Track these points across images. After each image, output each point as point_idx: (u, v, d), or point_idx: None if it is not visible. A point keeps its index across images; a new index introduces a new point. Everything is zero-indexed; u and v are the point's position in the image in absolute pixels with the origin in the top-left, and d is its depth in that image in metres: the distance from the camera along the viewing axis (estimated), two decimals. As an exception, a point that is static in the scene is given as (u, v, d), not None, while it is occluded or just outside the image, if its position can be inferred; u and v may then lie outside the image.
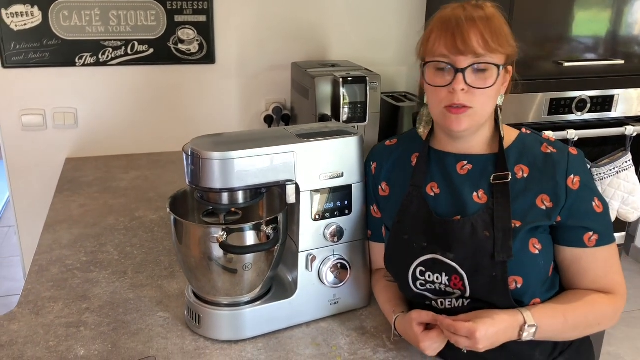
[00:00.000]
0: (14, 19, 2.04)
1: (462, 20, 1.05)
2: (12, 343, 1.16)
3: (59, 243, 1.57)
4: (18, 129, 2.16)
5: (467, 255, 1.09)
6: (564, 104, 2.03)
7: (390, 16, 2.41)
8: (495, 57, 1.07)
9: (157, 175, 2.09)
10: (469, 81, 1.06)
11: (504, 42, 1.07)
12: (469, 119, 1.09)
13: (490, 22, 1.06)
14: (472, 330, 1.01)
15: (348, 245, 1.25)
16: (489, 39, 1.05)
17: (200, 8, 2.19)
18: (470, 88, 1.06)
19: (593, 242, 1.10)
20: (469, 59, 1.05)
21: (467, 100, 1.07)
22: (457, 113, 1.08)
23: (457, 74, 1.06)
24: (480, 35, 1.05)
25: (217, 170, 1.09)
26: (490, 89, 1.07)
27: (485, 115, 1.11)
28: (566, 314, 1.09)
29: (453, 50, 1.06)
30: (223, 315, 1.18)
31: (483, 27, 1.05)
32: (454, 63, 1.06)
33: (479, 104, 1.08)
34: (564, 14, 1.94)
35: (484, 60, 1.06)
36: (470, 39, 1.04)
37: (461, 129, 1.10)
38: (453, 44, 1.05)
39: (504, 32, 1.07)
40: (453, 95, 1.07)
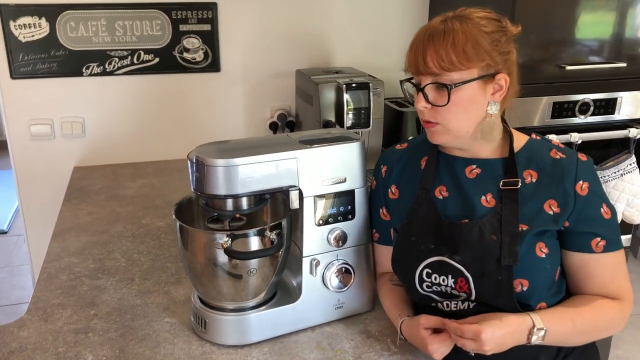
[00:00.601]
0: (22, 30, 2.07)
1: (421, 39, 1.08)
2: (21, 349, 1.18)
3: (67, 251, 1.59)
4: (27, 139, 2.19)
5: (474, 258, 1.10)
6: (567, 107, 2.03)
7: (393, 22, 2.42)
8: (457, 74, 1.06)
9: (164, 183, 2.11)
10: (430, 99, 1.10)
11: (466, 59, 1.05)
12: (441, 133, 1.12)
13: (449, 39, 1.05)
14: (478, 332, 1.02)
15: (352, 250, 1.26)
16: (445, 58, 1.05)
17: (205, 17, 2.21)
18: (433, 105, 1.10)
19: (601, 247, 1.11)
20: (427, 78, 1.09)
21: (431, 117, 1.11)
22: (428, 128, 1.14)
23: (418, 93, 1.11)
24: (434, 55, 1.06)
25: (221, 176, 1.11)
26: (449, 105, 1.08)
27: (460, 129, 1.11)
28: (575, 318, 1.09)
29: (415, 70, 1.11)
30: (228, 320, 1.19)
31: (439, 46, 1.05)
32: (418, 82, 1.11)
33: (443, 120, 1.10)
34: (566, 18, 1.94)
35: (437, 80, 1.08)
36: (425, 59, 1.07)
37: (436, 142, 1.15)
38: (415, 64, 1.09)
39: (470, 46, 1.05)
40: (420, 111, 1.12)
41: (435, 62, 1.06)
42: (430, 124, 1.12)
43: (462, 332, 1.04)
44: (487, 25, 1.07)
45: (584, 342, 1.17)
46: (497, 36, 1.08)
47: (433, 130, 1.13)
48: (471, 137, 1.13)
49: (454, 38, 1.05)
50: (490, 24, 1.08)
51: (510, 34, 1.11)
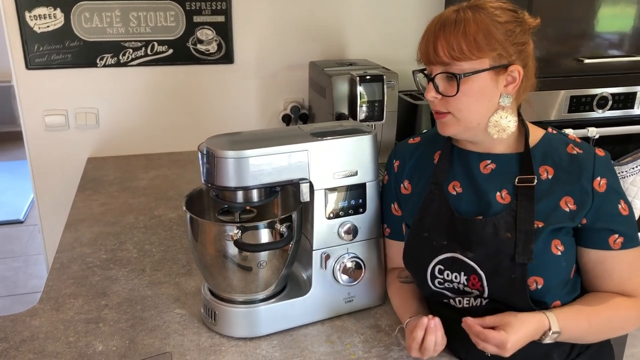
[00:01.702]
0: (37, 21, 2.08)
1: (432, 30, 1.07)
2: (33, 338, 1.18)
3: (80, 241, 1.60)
4: (41, 129, 2.21)
5: (487, 255, 1.08)
6: (585, 102, 2.00)
7: (408, 14, 2.40)
8: (468, 64, 1.04)
9: (177, 175, 2.11)
10: (441, 89, 1.09)
11: (477, 48, 1.03)
12: (452, 124, 1.11)
13: (460, 28, 1.03)
14: (504, 342, 1.01)
15: (362, 244, 1.25)
16: (455, 47, 1.03)
17: (219, 8, 2.20)
18: (443, 96, 1.09)
19: (618, 244, 1.09)
20: (437, 68, 1.08)
21: (442, 107, 1.10)
22: (439, 118, 1.12)
23: (429, 83, 1.10)
24: (445, 44, 1.04)
25: (231, 168, 1.10)
26: (459, 96, 1.06)
27: (471, 120, 1.10)
28: (590, 317, 1.08)
29: (426, 60, 1.10)
30: (238, 312, 1.19)
31: (450, 36, 1.04)
32: (429, 72, 1.11)
33: (454, 110, 1.09)
34: (584, 10, 1.91)
35: (447, 69, 1.06)
36: (436, 48, 1.06)
37: (447, 133, 1.13)
38: (426, 54, 1.09)
39: (481, 36, 1.03)
40: (431, 101, 1.11)
41: (446, 51, 1.04)
42: (440, 114, 1.11)
43: (486, 338, 1.02)
44: (502, 15, 1.05)
45: (599, 340, 1.15)
46: (511, 27, 1.05)
47: (443, 121, 1.11)
48: (484, 130, 1.11)
49: (465, 27, 1.03)
50: (505, 14, 1.06)
51: (527, 25, 1.08)
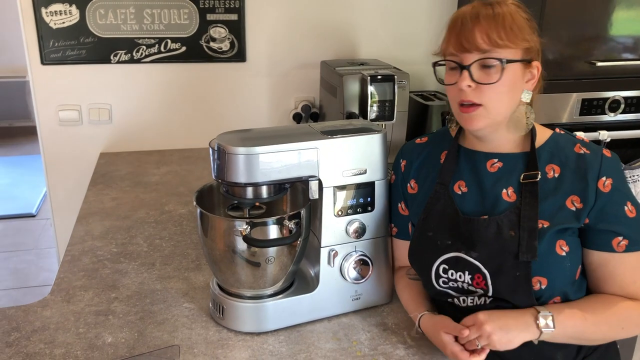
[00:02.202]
0: (53, 17, 2.10)
1: (467, 18, 1.07)
2: (44, 328, 1.20)
3: (91, 234, 1.62)
4: (55, 124, 2.23)
5: (491, 254, 1.09)
6: (597, 105, 1.99)
7: (420, 14, 2.40)
8: (505, 52, 1.06)
9: (188, 171, 2.13)
10: (476, 77, 1.07)
11: (514, 37, 1.06)
12: (482, 117, 1.09)
13: (498, 18, 1.05)
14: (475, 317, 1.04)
15: (370, 242, 1.26)
16: (494, 34, 1.04)
17: (232, 7, 2.22)
18: (478, 85, 1.07)
19: (622, 247, 1.08)
20: (473, 56, 1.06)
21: (475, 97, 1.08)
22: (468, 112, 1.09)
23: (462, 71, 1.08)
24: (484, 31, 1.05)
25: (242, 165, 1.12)
26: (497, 84, 1.06)
27: (500, 113, 1.10)
28: (585, 313, 1.07)
29: (459, 49, 1.08)
30: (246, 307, 1.20)
31: (487, 24, 1.05)
32: (460, 61, 1.08)
33: (488, 100, 1.08)
34: (597, 13, 1.90)
35: (487, 55, 1.06)
36: (473, 36, 1.05)
37: (474, 127, 1.10)
38: (458, 42, 1.07)
39: (516, 27, 1.06)
40: (461, 92, 1.08)
41: (485, 38, 1.05)
42: (471, 107, 1.08)
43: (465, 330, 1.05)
44: (523, 13, 1.09)
45: (601, 341, 1.14)
46: (532, 24, 1.09)
47: (474, 114, 1.09)
48: (505, 126, 1.12)
49: (502, 16, 1.05)
50: (525, 12, 1.09)
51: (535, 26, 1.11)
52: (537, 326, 1.04)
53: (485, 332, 1.02)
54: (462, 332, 1.05)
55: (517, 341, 1.03)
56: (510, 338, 1.03)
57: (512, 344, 1.03)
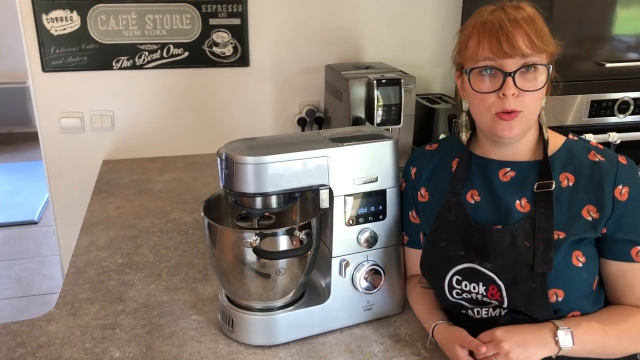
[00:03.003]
0: (53, 24, 2.08)
1: (505, 22, 1.02)
2: (50, 344, 1.18)
3: (96, 245, 1.59)
4: (57, 132, 2.21)
5: (506, 265, 1.06)
6: (606, 106, 1.97)
7: (425, 17, 2.38)
8: (542, 56, 1.04)
9: (192, 178, 2.10)
10: (519, 84, 1.03)
11: (548, 41, 1.04)
12: (520, 123, 1.06)
13: (534, 21, 1.03)
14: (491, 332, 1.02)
15: (382, 251, 1.23)
16: (535, 38, 1.01)
17: (235, 11, 2.20)
18: (521, 91, 1.03)
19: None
20: (517, 62, 1.02)
21: (518, 105, 1.04)
22: (509, 119, 1.05)
23: (506, 78, 1.03)
24: (526, 35, 1.01)
25: (250, 174, 1.09)
26: (540, 90, 1.04)
27: (533, 119, 1.08)
28: (606, 327, 1.04)
29: (499, 54, 1.02)
30: (256, 320, 1.18)
31: (528, 28, 1.02)
32: (501, 67, 1.03)
33: (528, 107, 1.05)
34: (606, 13, 1.88)
35: (532, 61, 1.03)
36: (516, 40, 1.01)
37: (512, 135, 1.06)
38: (498, 47, 1.02)
39: (546, 31, 1.04)
40: (503, 100, 1.04)
41: (528, 42, 1.01)
42: (513, 113, 1.04)
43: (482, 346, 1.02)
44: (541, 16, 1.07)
45: (622, 354, 1.10)
46: None
47: (514, 121, 1.05)
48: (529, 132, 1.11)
49: (539, 20, 1.03)
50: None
51: None
52: (556, 342, 1.01)
53: (503, 349, 1.00)
54: (479, 349, 1.02)
55: (535, 358, 1.00)
56: (528, 355, 1.00)
57: None
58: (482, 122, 1.10)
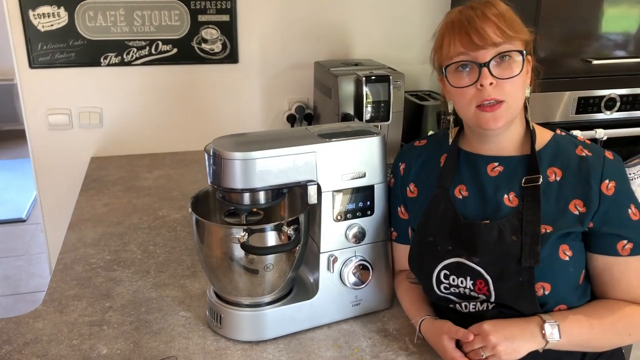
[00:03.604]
0: (40, 19, 2.06)
1: (473, 17, 1.05)
2: (36, 341, 1.17)
3: (83, 242, 1.59)
4: (45, 128, 2.19)
5: (493, 260, 1.07)
6: (593, 103, 1.98)
7: (414, 14, 2.38)
8: (514, 44, 1.05)
9: (181, 175, 2.10)
10: (495, 73, 1.04)
11: (520, 29, 1.06)
12: (504, 113, 1.06)
13: (502, 13, 1.05)
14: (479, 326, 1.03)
15: (370, 247, 1.24)
16: (504, 27, 1.03)
17: (224, 8, 2.19)
18: (499, 80, 1.04)
19: (627, 250, 1.06)
20: (489, 52, 1.04)
21: (497, 94, 1.05)
22: (492, 110, 1.05)
23: (481, 69, 1.04)
24: (495, 26, 1.03)
25: (238, 170, 1.09)
26: (518, 77, 1.05)
27: (517, 108, 1.08)
28: (592, 319, 1.05)
29: (471, 47, 1.04)
30: (244, 315, 1.18)
31: (496, 19, 1.04)
32: (475, 59, 1.05)
33: (510, 96, 1.05)
34: (592, 11, 1.89)
35: (505, 49, 1.04)
36: (485, 31, 1.03)
37: (498, 125, 1.07)
38: (469, 40, 1.04)
39: (517, 20, 1.06)
40: (482, 91, 1.05)
41: (498, 32, 1.03)
42: (495, 105, 1.05)
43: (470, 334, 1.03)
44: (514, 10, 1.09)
45: (608, 348, 1.12)
46: None
47: (497, 112, 1.05)
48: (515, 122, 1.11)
49: (504, 12, 1.05)
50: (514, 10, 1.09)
51: None
52: (543, 336, 1.02)
53: (490, 342, 1.00)
54: (466, 336, 1.03)
55: (522, 351, 1.01)
56: (515, 348, 1.01)
57: (517, 355, 1.01)
58: (467, 117, 1.11)
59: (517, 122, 1.12)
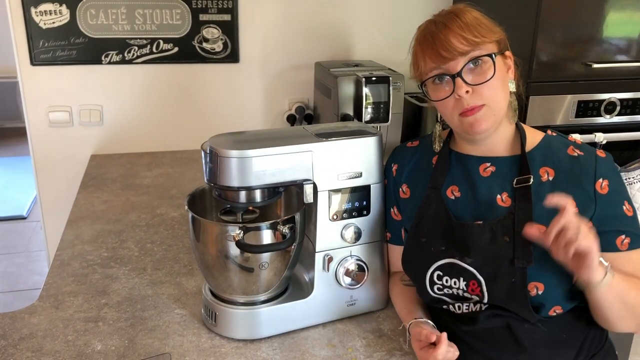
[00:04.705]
0: (42, 17, 2.07)
1: (435, 31, 1.07)
2: (32, 336, 1.17)
3: (81, 238, 1.59)
4: (45, 126, 2.20)
5: (486, 260, 1.07)
6: (593, 107, 1.98)
7: (415, 16, 2.37)
8: (485, 48, 1.06)
9: (180, 173, 2.10)
10: (470, 80, 1.06)
11: (485, 32, 1.06)
12: (487, 115, 1.07)
13: (462, 19, 1.06)
14: None
15: (366, 247, 1.24)
16: (468, 35, 1.04)
17: (225, 7, 2.19)
18: (474, 87, 1.06)
19: (626, 245, 1.07)
20: (459, 62, 1.05)
21: (476, 100, 1.06)
22: (473, 113, 1.07)
23: (455, 79, 1.06)
24: (458, 35, 1.05)
25: (235, 168, 1.09)
26: (493, 79, 1.06)
27: (501, 109, 1.09)
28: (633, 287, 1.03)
29: (440, 60, 1.06)
30: (239, 313, 1.18)
31: (457, 27, 1.05)
32: (447, 71, 1.07)
33: (490, 99, 1.06)
34: (593, 15, 1.89)
35: (474, 55, 1.05)
36: (449, 42, 1.04)
37: (482, 128, 1.08)
38: (437, 54, 1.06)
39: (481, 22, 1.07)
40: (460, 101, 1.07)
41: (462, 40, 1.04)
42: (474, 109, 1.06)
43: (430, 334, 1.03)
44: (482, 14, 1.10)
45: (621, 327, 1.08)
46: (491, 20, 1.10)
47: (479, 114, 1.06)
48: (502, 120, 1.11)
49: (467, 18, 1.06)
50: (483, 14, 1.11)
51: None
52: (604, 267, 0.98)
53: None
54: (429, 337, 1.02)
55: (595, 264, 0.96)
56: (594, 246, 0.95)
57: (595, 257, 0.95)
58: (453, 125, 1.13)
59: (505, 122, 1.13)
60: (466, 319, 1.10)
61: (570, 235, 0.93)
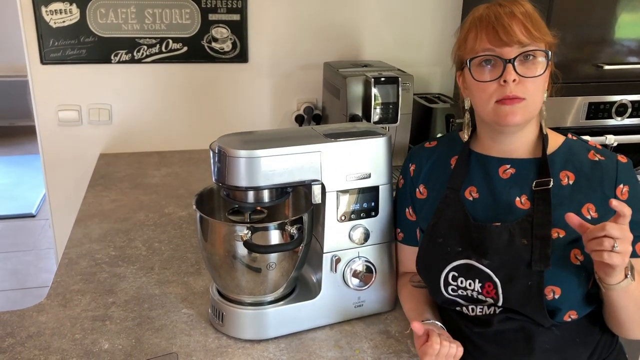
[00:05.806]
0: (52, 16, 2.08)
1: (502, 14, 1.05)
2: (39, 334, 1.18)
3: (89, 237, 1.59)
4: (54, 124, 2.21)
5: (503, 262, 1.06)
6: (604, 109, 1.97)
7: (425, 16, 2.37)
8: (539, 45, 1.05)
9: (188, 173, 2.10)
10: (519, 71, 1.04)
11: (545, 31, 1.06)
12: (523, 110, 1.06)
13: (529, 13, 1.05)
14: None
15: (374, 248, 1.23)
16: (531, 28, 1.03)
17: (234, 7, 2.19)
18: (522, 78, 1.04)
19: None
20: (515, 50, 1.04)
21: (519, 92, 1.05)
22: (512, 104, 1.05)
23: (506, 64, 1.04)
24: (522, 25, 1.04)
25: (243, 168, 1.09)
26: (541, 77, 1.05)
27: (536, 108, 1.08)
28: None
29: (498, 43, 1.04)
30: (246, 314, 1.17)
31: (524, 19, 1.04)
32: (500, 55, 1.05)
33: (531, 95, 1.05)
34: (604, 16, 1.88)
35: (530, 48, 1.04)
36: (513, 30, 1.03)
37: (515, 121, 1.06)
38: (496, 37, 1.04)
39: (542, 23, 1.07)
40: (504, 87, 1.05)
41: (525, 32, 1.03)
42: (515, 99, 1.05)
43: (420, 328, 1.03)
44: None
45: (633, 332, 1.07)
46: None
47: (517, 106, 1.05)
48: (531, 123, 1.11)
49: (531, 12, 1.06)
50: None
51: None
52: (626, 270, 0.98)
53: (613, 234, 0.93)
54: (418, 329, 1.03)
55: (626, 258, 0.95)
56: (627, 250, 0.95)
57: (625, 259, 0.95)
58: (485, 113, 1.09)
59: (532, 124, 1.12)
60: (479, 321, 1.10)
61: (606, 245, 0.92)
